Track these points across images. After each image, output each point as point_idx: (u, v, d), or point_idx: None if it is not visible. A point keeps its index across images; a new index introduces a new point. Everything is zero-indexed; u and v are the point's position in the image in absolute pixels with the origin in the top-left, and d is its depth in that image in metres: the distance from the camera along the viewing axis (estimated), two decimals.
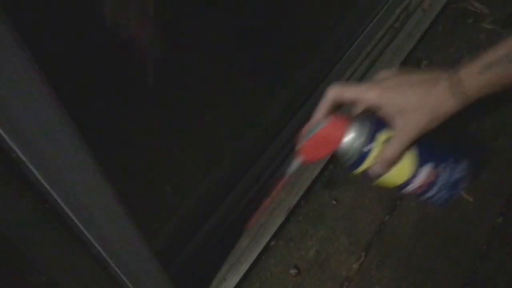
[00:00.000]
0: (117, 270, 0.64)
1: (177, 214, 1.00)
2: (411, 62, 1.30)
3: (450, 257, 0.98)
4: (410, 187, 0.59)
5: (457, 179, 0.58)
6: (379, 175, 0.59)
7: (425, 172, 0.57)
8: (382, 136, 0.57)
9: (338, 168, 1.10)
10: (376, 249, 0.99)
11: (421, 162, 0.57)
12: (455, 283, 0.95)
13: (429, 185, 0.58)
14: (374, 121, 0.58)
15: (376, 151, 0.57)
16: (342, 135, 0.58)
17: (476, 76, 0.59)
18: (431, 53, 1.32)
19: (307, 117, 0.61)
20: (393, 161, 0.58)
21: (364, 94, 0.59)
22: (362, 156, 0.58)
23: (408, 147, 0.57)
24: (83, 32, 1.01)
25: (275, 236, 1.00)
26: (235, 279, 0.94)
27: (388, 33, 1.32)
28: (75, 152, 0.47)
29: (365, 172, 0.60)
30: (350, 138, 0.58)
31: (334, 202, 1.05)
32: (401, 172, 0.58)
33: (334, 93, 0.61)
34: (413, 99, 0.58)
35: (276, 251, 0.99)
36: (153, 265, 0.72)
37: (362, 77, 1.24)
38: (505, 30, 1.34)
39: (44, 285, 0.65)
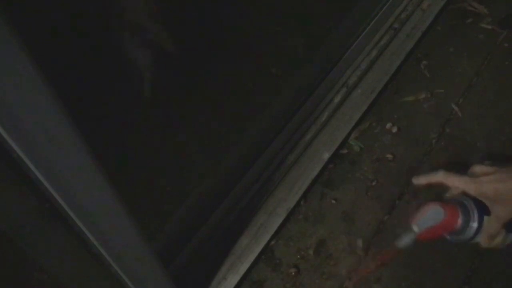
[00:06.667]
0: (118, 269, 0.65)
1: (177, 214, 1.01)
2: (410, 63, 1.31)
3: (449, 257, 0.98)
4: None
5: None
6: (485, 245, 0.76)
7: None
8: (485, 218, 0.73)
9: (337, 168, 1.11)
10: (375, 248, 0.99)
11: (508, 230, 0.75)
12: (454, 283, 0.95)
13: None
14: (479, 207, 0.73)
15: (483, 230, 0.74)
16: (456, 222, 0.73)
17: None
18: (430, 53, 1.32)
19: (307, 117, 0.61)
20: (496, 236, 0.74)
21: (466, 187, 0.74)
22: (474, 235, 0.74)
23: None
24: (84, 33, 1.01)
25: (275, 235, 1.01)
26: (235, 278, 0.95)
27: (388, 33, 1.32)
28: (76, 152, 0.47)
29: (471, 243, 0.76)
30: (464, 223, 0.73)
31: (334, 202, 1.06)
32: (497, 240, 0.77)
33: (442, 176, 0.75)
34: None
35: (276, 251, 1.00)
36: (154, 264, 0.72)
37: (362, 77, 1.24)
38: (504, 30, 1.34)
39: (46, 284, 0.65)
